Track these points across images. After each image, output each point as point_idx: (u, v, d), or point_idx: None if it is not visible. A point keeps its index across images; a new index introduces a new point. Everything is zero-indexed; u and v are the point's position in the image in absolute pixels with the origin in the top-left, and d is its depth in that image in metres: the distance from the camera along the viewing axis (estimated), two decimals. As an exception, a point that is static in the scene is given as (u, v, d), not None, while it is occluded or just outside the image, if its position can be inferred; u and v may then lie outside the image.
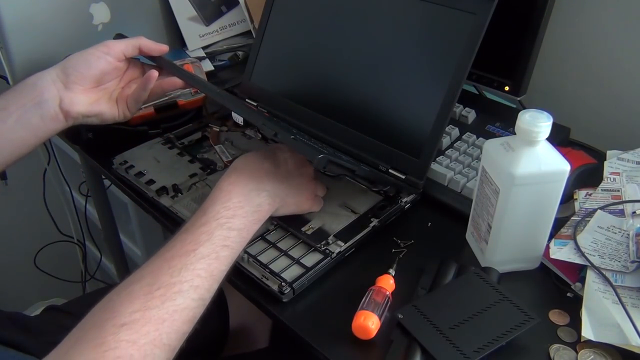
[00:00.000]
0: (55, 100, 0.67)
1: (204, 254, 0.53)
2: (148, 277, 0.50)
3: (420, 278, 0.61)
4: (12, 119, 0.66)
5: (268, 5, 0.87)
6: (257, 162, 0.63)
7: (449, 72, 0.68)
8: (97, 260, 1.49)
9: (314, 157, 0.56)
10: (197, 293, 0.51)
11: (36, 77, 0.69)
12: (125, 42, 0.72)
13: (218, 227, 0.55)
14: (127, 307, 0.47)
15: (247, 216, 0.58)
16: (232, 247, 0.55)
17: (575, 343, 0.55)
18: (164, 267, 0.51)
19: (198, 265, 0.52)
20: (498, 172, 0.58)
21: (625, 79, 0.82)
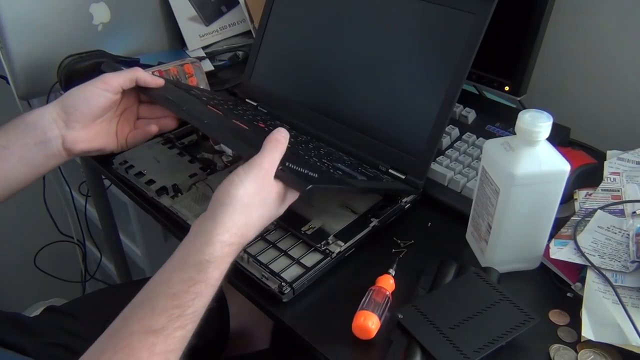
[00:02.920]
0: (58, 139, 0.68)
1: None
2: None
3: (420, 278, 0.61)
4: (15, 158, 0.66)
5: (268, 5, 0.87)
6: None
7: (449, 72, 0.68)
8: (97, 260, 1.49)
9: (303, 188, 0.54)
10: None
11: (36, 115, 0.68)
12: (123, 75, 0.71)
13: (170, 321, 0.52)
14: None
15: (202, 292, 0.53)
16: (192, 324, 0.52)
17: (575, 343, 0.55)
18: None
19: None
20: (498, 172, 0.58)
21: (625, 79, 0.82)
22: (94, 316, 0.83)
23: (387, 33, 0.74)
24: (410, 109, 0.71)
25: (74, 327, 0.80)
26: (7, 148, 0.66)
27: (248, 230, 0.54)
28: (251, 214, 0.54)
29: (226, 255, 0.52)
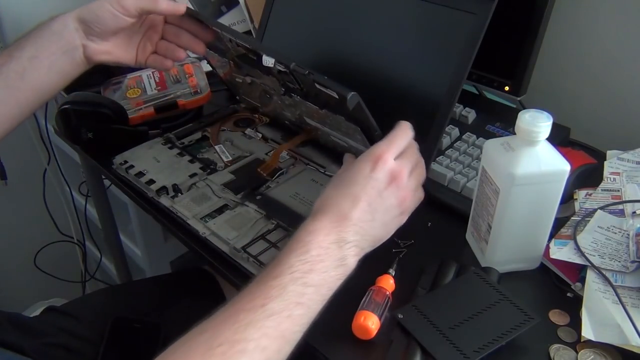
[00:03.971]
0: (80, 48, 0.69)
1: (274, 311, 0.46)
2: (210, 331, 0.45)
3: (420, 278, 0.61)
4: (45, 67, 0.67)
5: (268, 5, 0.87)
6: (341, 205, 0.54)
7: (449, 72, 0.68)
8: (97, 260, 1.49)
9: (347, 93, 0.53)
10: (263, 355, 0.44)
11: (60, 23, 0.69)
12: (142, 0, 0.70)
13: (292, 281, 0.48)
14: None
15: (327, 271, 0.51)
16: (308, 305, 0.49)
17: (575, 343, 0.55)
18: (229, 321, 0.45)
19: (267, 322, 0.45)
20: (498, 172, 0.58)
21: (625, 79, 0.82)
22: (93, 316, 0.83)
23: (387, 33, 0.74)
24: (410, 109, 0.71)
25: (73, 328, 0.80)
26: (36, 58, 0.67)
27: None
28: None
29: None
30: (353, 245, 0.53)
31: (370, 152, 0.57)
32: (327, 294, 0.51)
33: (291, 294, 0.48)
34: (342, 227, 0.53)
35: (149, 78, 0.94)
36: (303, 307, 0.48)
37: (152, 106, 0.88)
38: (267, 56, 0.63)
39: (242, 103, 0.92)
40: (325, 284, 0.50)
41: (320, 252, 0.51)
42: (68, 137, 0.85)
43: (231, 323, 0.45)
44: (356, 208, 0.54)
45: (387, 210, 0.56)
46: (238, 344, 0.44)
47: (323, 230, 0.52)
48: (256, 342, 0.44)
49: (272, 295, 0.47)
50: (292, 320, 0.47)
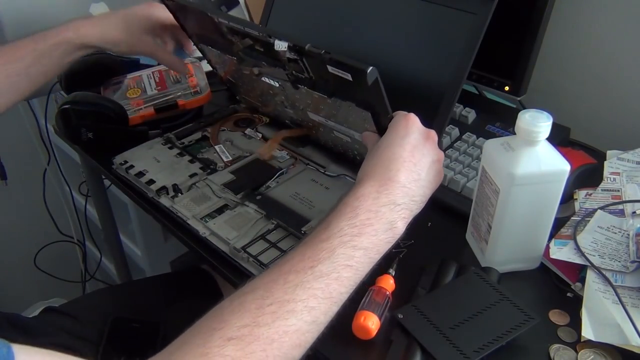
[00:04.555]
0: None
1: (323, 273, 0.47)
2: (261, 289, 0.46)
3: (420, 278, 0.61)
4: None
5: (268, 5, 0.87)
6: (388, 169, 0.54)
7: (449, 72, 0.68)
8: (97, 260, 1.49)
9: (367, 67, 0.53)
10: (311, 315, 0.46)
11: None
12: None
13: (341, 244, 0.49)
14: (237, 320, 0.44)
15: (377, 234, 0.51)
16: (356, 267, 0.49)
17: (575, 343, 0.55)
18: (280, 280, 0.46)
19: (315, 284, 0.47)
20: (498, 172, 0.58)
21: (625, 79, 0.82)
22: (93, 316, 0.83)
23: (387, 33, 0.74)
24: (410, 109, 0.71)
25: (73, 327, 0.80)
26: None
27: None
28: None
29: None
30: (403, 208, 0.53)
31: (398, 118, 0.58)
32: (376, 257, 0.52)
33: (340, 256, 0.49)
34: (391, 189, 0.53)
35: (149, 78, 0.94)
36: (351, 270, 0.49)
37: (152, 106, 0.88)
38: (279, 40, 0.62)
39: (242, 103, 0.92)
40: (374, 247, 0.51)
41: (370, 215, 0.51)
42: (68, 137, 0.85)
43: (282, 283, 0.46)
44: (402, 169, 0.54)
45: (430, 166, 0.57)
46: (287, 304, 0.45)
47: (371, 195, 0.52)
48: (304, 302, 0.46)
49: (321, 258, 0.48)
50: (340, 282, 0.48)
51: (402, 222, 0.53)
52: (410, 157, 0.55)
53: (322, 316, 0.47)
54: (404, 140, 0.56)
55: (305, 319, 0.46)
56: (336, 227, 0.50)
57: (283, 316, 0.44)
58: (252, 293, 0.46)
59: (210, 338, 0.42)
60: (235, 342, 0.42)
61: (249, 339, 0.43)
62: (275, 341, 0.44)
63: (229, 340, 0.42)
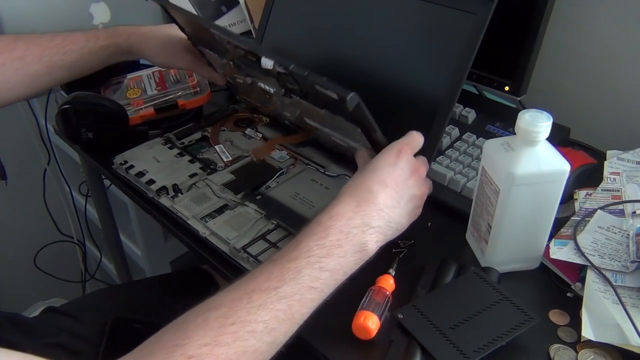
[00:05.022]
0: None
1: (287, 294, 0.48)
2: (225, 307, 0.47)
3: (420, 278, 0.61)
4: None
5: (268, 5, 0.87)
6: (369, 191, 0.54)
7: (449, 72, 0.68)
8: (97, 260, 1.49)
9: (347, 94, 0.53)
10: (270, 336, 0.47)
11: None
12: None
13: (308, 265, 0.49)
14: (199, 337, 0.44)
15: (345, 256, 0.51)
16: (320, 289, 0.50)
17: (575, 343, 0.55)
18: (244, 299, 0.47)
19: (278, 305, 0.47)
20: (498, 172, 0.58)
21: (625, 80, 0.82)
22: (93, 316, 0.83)
23: (387, 33, 0.74)
24: (410, 109, 0.71)
25: (73, 328, 0.80)
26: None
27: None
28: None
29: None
30: (376, 232, 0.53)
31: (392, 146, 0.59)
32: (342, 278, 0.52)
33: (306, 278, 0.49)
34: (367, 211, 0.53)
35: (149, 78, 0.94)
36: (315, 292, 0.49)
37: (152, 106, 0.88)
38: (265, 58, 0.64)
39: (242, 103, 0.92)
40: (341, 268, 0.51)
41: (340, 237, 0.51)
42: (68, 137, 0.85)
43: (245, 302, 0.47)
44: (383, 192, 0.55)
45: (411, 199, 0.58)
46: (249, 325, 0.46)
47: (346, 214, 0.53)
48: (266, 323, 0.46)
49: (286, 278, 0.48)
50: (302, 303, 0.49)
51: (375, 244, 0.54)
52: (394, 185, 0.56)
53: (282, 336, 0.48)
54: (392, 168, 0.57)
55: (265, 340, 0.46)
56: (305, 247, 0.50)
57: (243, 337, 0.45)
58: (216, 310, 0.46)
59: (172, 354, 0.43)
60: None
61: (208, 358, 0.43)
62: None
63: (189, 358, 0.43)
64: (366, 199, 0.54)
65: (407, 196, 0.57)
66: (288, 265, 0.49)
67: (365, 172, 0.57)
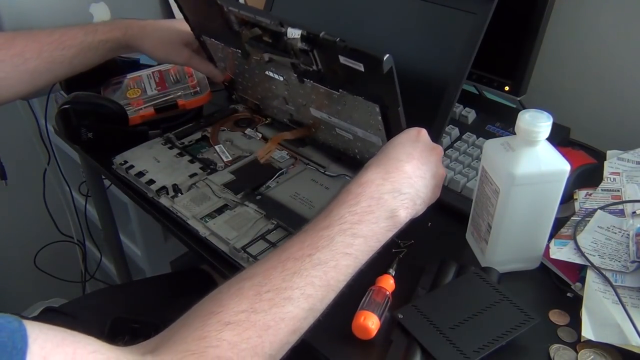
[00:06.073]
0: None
1: (321, 260, 0.47)
2: (260, 276, 0.46)
3: (420, 278, 0.61)
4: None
5: (268, 6, 0.87)
6: (397, 160, 0.55)
7: (449, 72, 0.68)
8: (97, 260, 1.49)
9: (382, 56, 0.53)
10: (308, 302, 0.46)
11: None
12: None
13: (340, 232, 0.49)
14: (234, 305, 0.44)
15: (377, 222, 0.51)
16: (355, 255, 0.50)
17: (575, 343, 0.55)
18: (278, 268, 0.47)
19: (313, 271, 0.47)
20: (498, 172, 0.58)
21: (625, 79, 0.82)
22: (92, 317, 0.83)
23: (387, 33, 0.74)
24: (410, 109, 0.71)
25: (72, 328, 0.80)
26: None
27: None
28: None
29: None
30: (406, 198, 0.53)
31: (410, 128, 0.60)
32: (376, 245, 0.52)
33: (339, 244, 0.49)
34: (397, 178, 0.53)
35: (149, 78, 0.94)
36: (350, 258, 0.49)
37: (152, 106, 0.88)
38: (292, 28, 0.61)
39: (241, 103, 0.92)
40: (374, 235, 0.51)
41: (371, 202, 0.51)
42: (68, 137, 0.85)
43: (280, 270, 0.46)
44: (410, 162, 0.55)
45: (434, 175, 0.58)
46: (285, 292, 0.45)
47: (376, 181, 0.53)
48: (302, 290, 0.46)
49: (320, 245, 0.48)
50: (338, 270, 0.48)
51: (405, 212, 0.53)
52: (419, 156, 0.56)
53: (319, 303, 0.48)
54: (415, 144, 0.57)
55: (302, 306, 0.46)
56: (337, 215, 0.50)
57: (280, 303, 0.45)
58: (250, 279, 0.46)
59: (208, 322, 0.43)
60: (232, 327, 0.43)
61: (245, 324, 0.43)
62: (272, 327, 0.44)
63: (226, 324, 0.43)
64: (395, 166, 0.54)
65: (431, 171, 0.57)
66: (321, 233, 0.49)
67: (390, 145, 0.57)
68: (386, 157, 0.55)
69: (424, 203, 0.56)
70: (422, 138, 0.59)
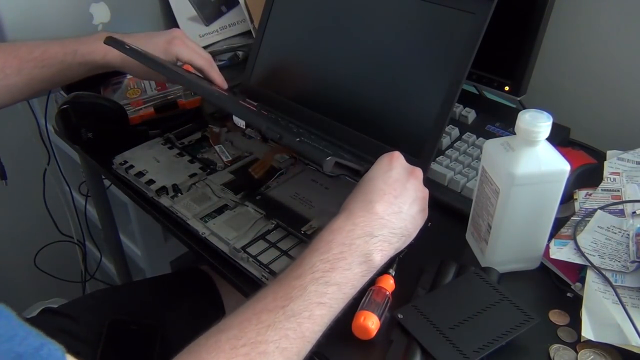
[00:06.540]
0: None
1: (294, 312, 0.47)
2: (235, 329, 0.46)
3: (420, 278, 0.61)
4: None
5: (268, 5, 0.87)
6: (367, 201, 0.54)
7: (449, 72, 0.68)
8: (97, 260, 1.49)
9: (322, 159, 0.53)
10: (283, 356, 0.46)
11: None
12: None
13: (313, 281, 0.48)
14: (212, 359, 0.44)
15: (351, 268, 0.50)
16: (329, 305, 0.49)
17: (575, 343, 0.55)
18: (253, 320, 0.46)
19: (287, 324, 0.46)
20: (498, 172, 0.58)
21: (625, 79, 0.82)
22: (91, 317, 0.83)
23: (387, 33, 0.74)
24: (410, 108, 0.71)
25: (70, 328, 0.80)
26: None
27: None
28: None
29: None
30: (380, 240, 0.53)
31: (383, 155, 0.59)
32: (351, 292, 0.51)
33: (312, 294, 0.48)
34: (367, 221, 0.53)
35: (149, 78, 0.94)
36: (324, 307, 0.48)
37: (152, 106, 0.88)
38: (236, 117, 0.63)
39: (242, 103, 0.92)
40: (348, 282, 0.50)
41: (343, 249, 0.51)
42: (68, 137, 0.85)
43: (254, 323, 0.46)
44: (381, 201, 0.54)
45: (413, 202, 0.57)
46: (260, 345, 0.45)
47: (346, 228, 0.52)
48: (276, 343, 0.45)
49: (293, 296, 0.48)
50: (312, 320, 0.48)
51: (380, 254, 0.52)
52: (391, 190, 0.55)
53: (295, 357, 0.47)
54: (386, 175, 0.56)
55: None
56: (309, 263, 0.50)
57: (256, 358, 0.44)
58: (226, 332, 0.46)
59: None
60: None
61: None
62: None
63: None
64: (365, 209, 0.53)
65: (409, 200, 0.56)
66: (293, 283, 0.48)
67: (361, 184, 0.57)
68: (357, 199, 0.55)
69: (402, 237, 0.55)
70: (395, 166, 0.57)
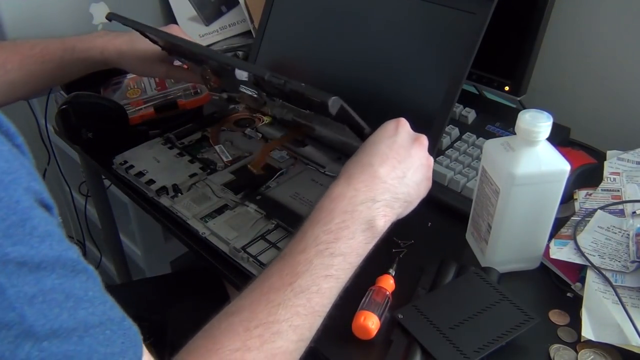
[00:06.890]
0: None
1: (302, 288, 0.46)
2: (246, 311, 0.45)
3: (420, 278, 0.61)
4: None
5: (268, 5, 0.87)
6: (369, 165, 0.52)
7: (449, 72, 0.68)
8: (97, 260, 1.49)
9: (328, 98, 0.51)
10: (296, 334, 0.45)
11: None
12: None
13: (317, 254, 0.47)
14: (228, 343, 0.43)
15: (354, 236, 0.49)
16: (336, 276, 0.48)
17: (575, 343, 0.55)
18: (262, 301, 0.46)
19: (296, 301, 0.46)
20: (498, 172, 0.58)
21: (625, 79, 0.82)
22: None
23: (387, 33, 0.74)
24: (410, 108, 0.71)
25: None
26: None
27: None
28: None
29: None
30: (383, 205, 0.51)
31: (388, 121, 0.57)
32: (356, 261, 0.50)
33: (318, 267, 0.47)
34: (370, 185, 0.51)
35: (149, 78, 0.94)
36: (332, 279, 0.48)
37: (152, 106, 0.88)
38: (239, 70, 0.63)
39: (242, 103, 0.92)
40: (352, 250, 0.49)
41: (345, 217, 0.49)
42: (68, 137, 0.85)
43: (264, 303, 0.45)
44: (384, 165, 0.52)
45: (417, 169, 0.55)
46: (273, 326, 0.44)
47: (348, 193, 0.50)
48: (289, 322, 0.45)
49: (299, 272, 0.47)
50: (321, 294, 0.47)
51: (383, 220, 0.51)
52: (395, 155, 0.53)
53: (307, 332, 0.47)
54: (391, 140, 0.55)
55: (291, 339, 0.45)
56: (311, 236, 0.49)
57: (270, 339, 0.44)
58: (238, 314, 0.45)
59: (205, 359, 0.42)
60: None
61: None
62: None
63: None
64: (367, 173, 0.52)
65: (413, 166, 0.54)
66: (298, 258, 0.48)
67: (363, 147, 0.55)
68: (359, 163, 0.53)
69: (406, 203, 0.54)
70: (400, 130, 0.55)
